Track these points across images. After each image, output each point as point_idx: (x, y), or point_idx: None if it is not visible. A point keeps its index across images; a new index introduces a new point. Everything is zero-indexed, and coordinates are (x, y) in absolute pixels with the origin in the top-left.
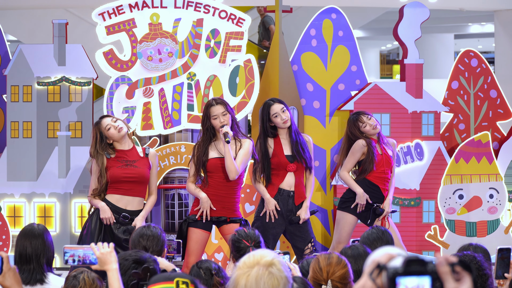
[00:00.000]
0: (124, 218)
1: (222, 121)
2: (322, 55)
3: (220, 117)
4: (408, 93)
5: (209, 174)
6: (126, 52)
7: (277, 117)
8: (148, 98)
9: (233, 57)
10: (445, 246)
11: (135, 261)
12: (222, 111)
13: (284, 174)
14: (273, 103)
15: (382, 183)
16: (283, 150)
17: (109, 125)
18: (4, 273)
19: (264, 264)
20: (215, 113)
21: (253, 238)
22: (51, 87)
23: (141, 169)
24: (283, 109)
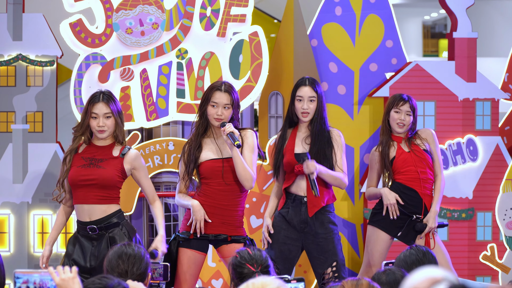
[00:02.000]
0: (92, 232)
1: (219, 114)
2: (349, 27)
3: (220, 109)
4: (458, 75)
5: (203, 180)
6: (99, 23)
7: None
8: (126, 81)
9: (235, 29)
10: (505, 270)
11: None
12: (226, 103)
13: (293, 176)
14: (304, 86)
15: (419, 186)
16: (295, 146)
17: (98, 116)
18: None
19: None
20: (217, 101)
21: (259, 262)
22: (4, 67)
23: (104, 170)
24: (312, 97)
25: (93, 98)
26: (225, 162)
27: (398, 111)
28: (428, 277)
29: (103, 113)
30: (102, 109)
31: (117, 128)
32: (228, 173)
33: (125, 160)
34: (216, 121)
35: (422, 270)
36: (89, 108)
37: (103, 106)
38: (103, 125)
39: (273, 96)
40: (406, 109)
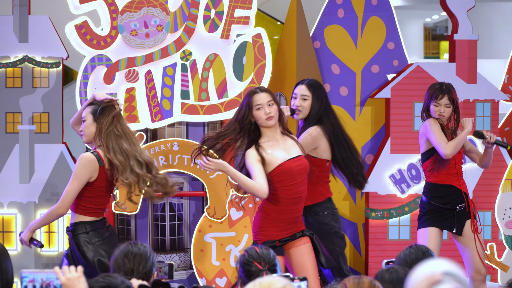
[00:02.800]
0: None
1: (268, 112)
2: (351, 29)
3: (266, 107)
4: (458, 76)
5: (278, 184)
6: (104, 25)
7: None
8: (132, 83)
9: (238, 31)
10: (504, 268)
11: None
12: (269, 100)
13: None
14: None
15: (456, 181)
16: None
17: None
18: None
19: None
20: (260, 102)
21: (267, 260)
22: (11, 69)
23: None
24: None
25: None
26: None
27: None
28: (427, 276)
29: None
30: (85, 114)
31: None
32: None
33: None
34: (269, 120)
35: (423, 266)
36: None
37: (85, 112)
38: (81, 129)
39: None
40: (445, 102)
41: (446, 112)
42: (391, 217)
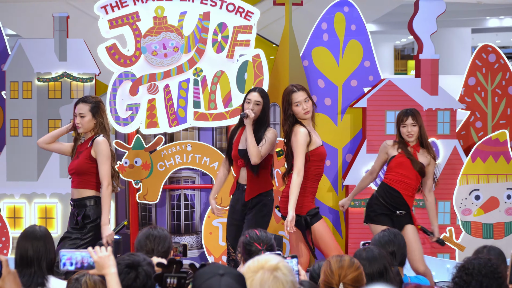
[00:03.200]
0: (72, 207)
1: (305, 108)
2: (334, 50)
3: (303, 104)
4: (423, 89)
5: (317, 163)
6: (130, 46)
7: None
8: (152, 94)
9: (241, 52)
10: (461, 248)
11: (127, 266)
12: (305, 97)
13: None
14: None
15: (403, 188)
16: (239, 143)
17: (76, 115)
18: (3, 276)
19: (269, 268)
20: (299, 99)
21: (265, 241)
22: (52, 83)
23: (77, 160)
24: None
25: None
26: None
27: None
28: None
29: (79, 113)
30: (80, 108)
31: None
32: None
33: (93, 147)
34: (306, 114)
35: None
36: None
37: (81, 106)
38: (79, 122)
39: (272, 106)
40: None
41: (413, 131)
42: None
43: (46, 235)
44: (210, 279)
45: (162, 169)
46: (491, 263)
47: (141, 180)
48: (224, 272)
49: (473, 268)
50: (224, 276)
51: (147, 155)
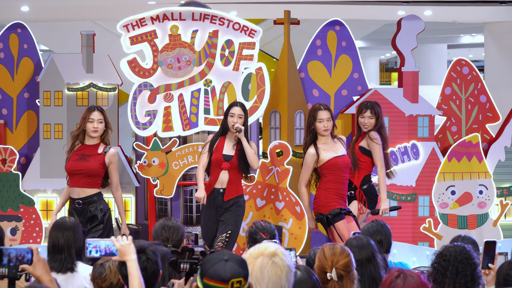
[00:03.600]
0: (78, 205)
1: (325, 126)
2: (327, 64)
3: (325, 122)
4: (405, 98)
5: (331, 171)
6: (148, 60)
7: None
8: (168, 102)
9: (245, 65)
10: (439, 237)
11: (137, 252)
12: (328, 117)
13: (218, 171)
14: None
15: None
16: (223, 149)
17: (94, 120)
18: (34, 263)
19: (268, 254)
20: (322, 117)
21: (269, 231)
22: (80, 92)
23: (90, 164)
24: (328, 118)
25: (89, 108)
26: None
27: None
28: None
29: (97, 119)
30: (97, 115)
31: (106, 133)
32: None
33: (106, 156)
34: (325, 132)
35: None
36: (87, 115)
37: (98, 113)
38: (97, 127)
39: (272, 113)
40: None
41: (369, 123)
42: None
43: (75, 225)
44: (216, 264)
45: (176, 167)
46: (465, 250)
47: (158, 177)
48: (228, 257)
49: (449, 255)
50: (228, 261)
51: (164, 155)
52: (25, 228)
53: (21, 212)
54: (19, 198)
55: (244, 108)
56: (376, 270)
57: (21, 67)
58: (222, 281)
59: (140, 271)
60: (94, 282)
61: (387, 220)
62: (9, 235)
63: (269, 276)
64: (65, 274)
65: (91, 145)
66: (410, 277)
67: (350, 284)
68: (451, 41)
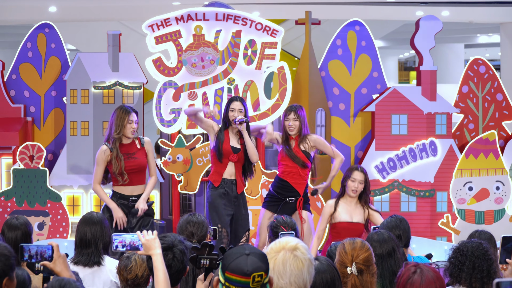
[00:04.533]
0: (132, 202)
1: (356, 186)
2: (347, 63)
3: (357, 183)
4: (423, 96)
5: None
6: (173, 59)
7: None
8: (192, 100)
9: (268, 64)
10: (456, 232)
11: (164, 249)
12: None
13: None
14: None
15: (291, 178)
16: (230, 141)
17: (132, 122)
18: (54, 260)
19: (289, 248)
20: (355, 177)
21: (290, 225)
22: (106, 90)
23: (139, 160)
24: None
25: (125, 110)
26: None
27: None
28: None
29: (135, 120)
30: (135, 117)
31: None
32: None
33: (145, 146)
34: (353, 193)
35: None
36: (125, 117)
37: (135, 115)
38: (135, 128)
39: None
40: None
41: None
42: (376, 195)
43: (102, 220)
44: (238, 258)
45: (200, 164)
46: (482, 246)
47: (182, 173)
48: (249, 252)
49: (467, 250)
50: (249, 256)
51: (188, 152)
52: (52, 223)
53: (48, 208)
54: (46, 193)
55: (244, 103)
56: (396, 264)
57: (49, 66)
58: (244, 275)
59: (164, 264)
60: (120, 274)
61: (406, 215)
62: (37, 230)
63: (291, 270)
64: (92, 267)
65: (128, 143)
66: (427, 271)
67: (370, 278)
68: (468, 41)
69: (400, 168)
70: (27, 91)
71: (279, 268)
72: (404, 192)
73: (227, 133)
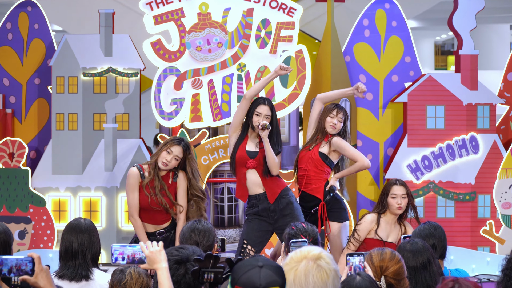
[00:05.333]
0: (160, 235)
1: (399, 203)
2: (375, 46)
3: (399, 198)
4: (463, 84)
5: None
6: (174, 42)
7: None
8: (197, 89)
9: (284, 47)
10: (501, 241)
11: (176, 262)
12: (403, 194)
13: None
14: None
15: (305, 184)
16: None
17: (171, 153)
18: (36, 274)
19: (312, 257)
20: (396, 192)
21: (311, 234)
22: (97, 78)
23: (167, 199)
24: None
25: (174, 140)
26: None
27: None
28: None
29: (175, 155)
30: (177, 151)
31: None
32: None
33: (177, 182)
34: (398, 210)
35: None
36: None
37: (179, 149)
38: (169, 161)
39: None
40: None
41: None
42: None
43: (91, 228)
44: (250, 271)
45: (206, 162)
46: None
47: None
48: (263, 264)
49: None
50: (263, 268)
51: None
52: (35, 231)
53: (31, 213)
54: (28, 197)
55: (272, 107)
56: (432, 278)
57: (32, 50)
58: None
59: (171, 280)
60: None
61: (442, 222)
62: (17, 239)
63: (314, 281)
64: (79, 282)
65: (161, 176)
66: (466, 286)
67: None
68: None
69: (436, 167)
70: (7, 79)
71: (300, 279)
72: (440, 195)
73: (246, 138)
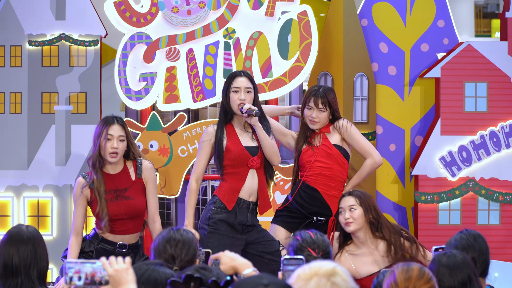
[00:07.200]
0: (120, 248)
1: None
2: (400, 7)
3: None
4: (510, 56)
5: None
6: (144, 1)
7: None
8: (172, 61)
9: (283, 8)
10: None
11: (146, 283)
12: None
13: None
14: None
15: (323, 185)
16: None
17: (113, 137)
18: None
19: (325, 274)
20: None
21: (321, 247)
22: (47, 47)
23: (135, 201)
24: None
25: (106, 120)
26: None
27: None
28: None
29: (118, 135)
30: (117, 131)
31: (132, 148)
32: None
33: (143, 177)
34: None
35: None
36: (105, 130)
37: (118, 128)
38: (116, 147)
39: (322, 76)
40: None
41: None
42: (441, 201)
43: (35, 236)
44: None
45: (184, 154)
46: None
47: (157, 168)
48: (268, 282)
49: None
50: (269, 287)
51: (166, 137)
52: None
53: None
54: None
55: (251, 78)
56: None
57: None
58: None
59: None
60: None
61: (484, 230)
62: None
63: None
64: None
65: (115, 174)
66: None
67: None
68: None
69: (477, 161)
70: None
71: None
72: (482, 196)
73: (231, 128)
